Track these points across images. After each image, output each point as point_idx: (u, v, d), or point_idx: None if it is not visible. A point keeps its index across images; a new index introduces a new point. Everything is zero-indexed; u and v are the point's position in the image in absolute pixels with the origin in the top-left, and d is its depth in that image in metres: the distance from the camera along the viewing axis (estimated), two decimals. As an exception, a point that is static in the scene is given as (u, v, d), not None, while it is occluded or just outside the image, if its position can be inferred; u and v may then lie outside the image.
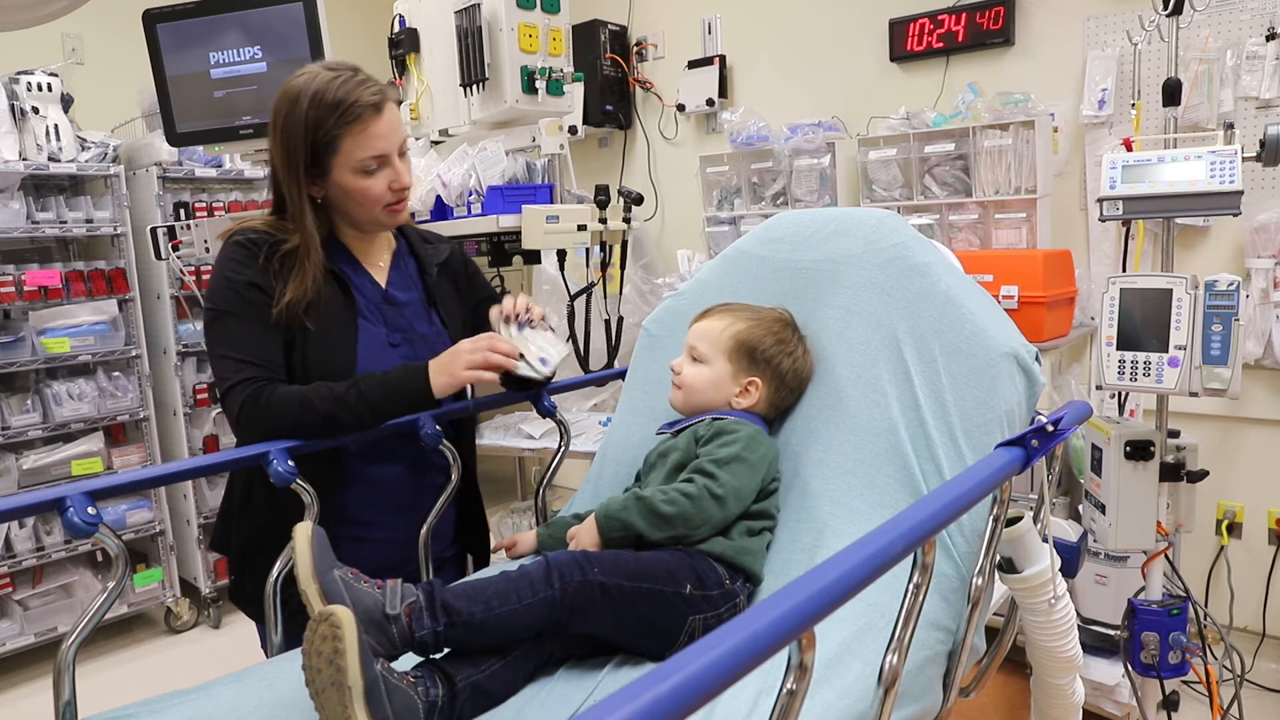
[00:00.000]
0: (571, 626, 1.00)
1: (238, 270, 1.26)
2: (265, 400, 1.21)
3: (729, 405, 1.26)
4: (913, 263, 1.28)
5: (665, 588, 1.03)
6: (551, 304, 3.08)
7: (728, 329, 1.27)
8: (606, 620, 1.01)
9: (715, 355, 1.27)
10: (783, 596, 0.61)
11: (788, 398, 1.28)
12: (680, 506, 1.09)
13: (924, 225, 2.54)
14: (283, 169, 1.26)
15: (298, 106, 1.23)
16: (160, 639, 3.01)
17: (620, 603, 1.00)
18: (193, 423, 3.07)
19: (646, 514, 1.09)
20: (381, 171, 1.29)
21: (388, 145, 1.28)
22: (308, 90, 1.23)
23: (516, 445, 2.44)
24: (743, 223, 2.97)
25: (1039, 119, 2.35)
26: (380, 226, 1.36)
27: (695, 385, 1.27)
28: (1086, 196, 2.53)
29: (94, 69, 3.19)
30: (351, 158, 1.26)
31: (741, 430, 1.18)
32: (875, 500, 1.14)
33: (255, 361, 1.23)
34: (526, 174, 2.30)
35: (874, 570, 0.69)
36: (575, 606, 0.98)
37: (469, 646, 0.96)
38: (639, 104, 3.57)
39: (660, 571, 1.04)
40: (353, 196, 1.29)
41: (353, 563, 1.33)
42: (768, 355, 1.25)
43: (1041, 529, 1.19)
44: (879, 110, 2.81)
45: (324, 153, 1.25)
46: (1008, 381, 1.14)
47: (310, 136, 1.23)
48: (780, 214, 1.50)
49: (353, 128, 1.24)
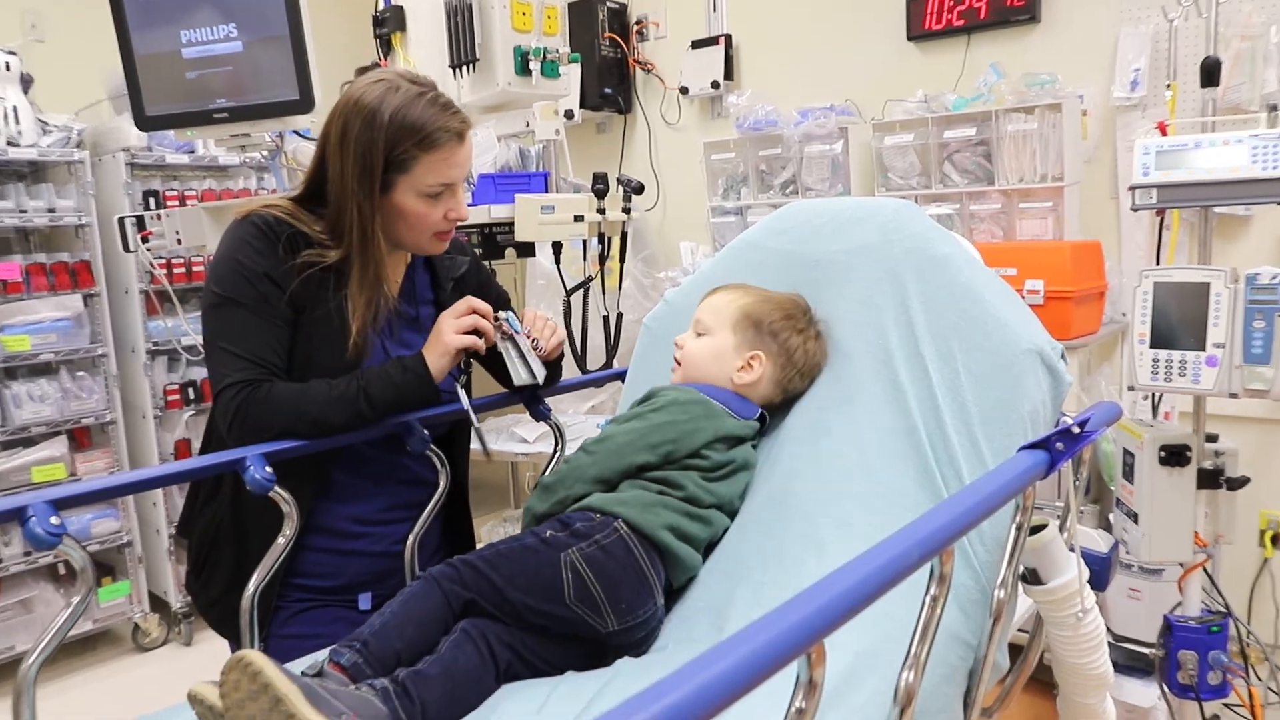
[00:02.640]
0: (469, 604, 1.08)
1: (252, 256, 1.26)
2: (261, 399, 1.22)
3: (730, 381, 1.28)
4: (931, 255, 1.29)
5: (525, 540, 1.12)
6: (547, 300, 3.09)
7: (735, 301, 1.31)
8: (485, 587, 1.08)
9: (720, 326, 1.30)
10: (791, 608, 0.61)
11: (795, 381, 1.29)
12: (558, 472, 1.20)
13: (943, 215, 2.55)
14: (354, 186, 1.26)
15: (377, 119, 1.23)
16: (127, 657, 3.02)
17: (482, 566, 1.09)
18: (163, 426, 3.08)
19: (539, 492, 1.21)
20: (444, 200, 1.31)
21: (459, 175, 1.31)
22: (389, 103, 1.24)
23: (509, 450, 2.45)
24: (750, 213, 2.98)
25: (1067, 101, 2.36)
26: (421, 251, 1.38)
27: (696, 358, 1.30)
28: (1118, 184, 2.53)
29: (56, 47, 3.19)
30: (421, 182, 1.27)
31: (669, 394, 1.24)
32: (895, 501, 1.14)
33: (257, 360, 1.24)
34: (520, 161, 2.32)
35: (888, 580, 0.69)
36: (447, 583, 1.08)
37: (390, 651, 1.01)
38: (639, 87, 3.58)
39: (524, 534, 1.14)
40: (407, 219, 1.30)
41: (332, 576, 1.35)
42: (774, 329, 1.27)
43: (1068, 538, 1.19)
44: (895, 93, 2.81)
45: (392, 170, 1.26)
46: (1031, 381, 1.14)
47: (386, 154, 1.24)
48: (790, 204, 1.51)
49: (432, 154, 1.26)
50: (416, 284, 1.44)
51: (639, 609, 1.10)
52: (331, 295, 1.29)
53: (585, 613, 1.07)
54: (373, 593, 1.38)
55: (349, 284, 1.29)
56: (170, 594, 3.07)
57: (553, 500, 1.19)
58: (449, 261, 1.47)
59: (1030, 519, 1.04)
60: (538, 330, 1.39)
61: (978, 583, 1.07)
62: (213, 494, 1.36)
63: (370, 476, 1.36)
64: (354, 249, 1.28)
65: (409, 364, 1.29)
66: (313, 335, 1.29)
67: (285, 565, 1.28)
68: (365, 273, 1.29)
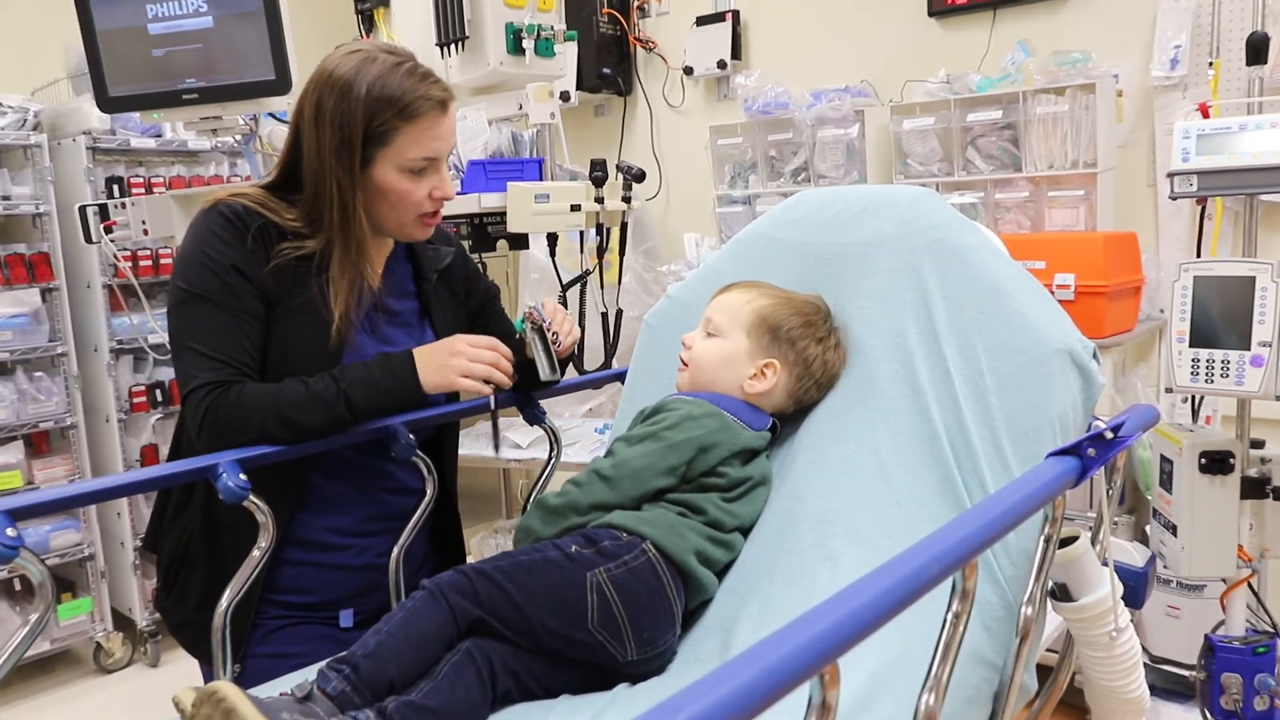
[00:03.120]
0: (476, 623, 1.05)
1: (219, 248, 1.27)
2: (233, 401, 1.22)
3: (741, 390, 1.28)
4: (953, 247, 1.29)
5: (547, 554, 1.10)
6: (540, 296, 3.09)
7: (751, 302, 1.30)
8: (500, 603, 1.06)
9: (733, 329, 1.29)
10: (802, 625, 0.61)
11: (811, 391, 1.30)
12: (568, 496, 1.18)
13: (966, 204, 2.55)
14: (332, 161, 1.26)
15: (353, 90, 1.24)
16: (89, 679, 3.02)
17: (500, 578, 1.07)
18: (128, 430, 3.08)
19: (540, 513, 1.18)
20: (428, 176, 1.31)
21: (443, 148, 1.32)
22: (365, 74, 1.25)
23: (501, 455, 2.45)
24: (759, 202, 2.98)
25: (1100, 81, 2.36)
26: (406, 236, 1.39)
27: (705, 361, 1.30)
28: (1155, 171, 2.53)
29: (10, 22, 3.20)
30: (403, 155, 1.28)
31: (681, 409, 1.23)
32: (914, 512, 1.15)
33: (227, 360, 1.24)
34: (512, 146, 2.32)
35: (907, 596, 0.69)
36: (455, 596, 1.05)
37: (384, 677, 1.00)
38: (640, 67, 3.58)
39: (545, 545, 1.13)
40: (389, 198, 1.31)
41: (311, 591, 1.35)
42: (792, 336, 1.27)
43: (1101, 551, 1.19)
44: (915, 73, 2.81)
45: (372, 144, 1.27)
46: (1061, 382, 1.14)
47: (365, 126, 1.25)
48: (802, 192, 1.51)
49: (413, 124, 1.27)
50: (398, 276, 1.44)
51: (660, 639, 1.10)
52: (312, 282, 1.30)
53: (607, 639, 1.07)
54: (354, 609, 1.38)
55: (330, 267, 1.30)
56: (135, 611, 3.07)
57: (561, 526, 1.18)
58: (433, 253, 1.47)
59: (1060, 531, 1.04)
60: (557, 324, 1.40)
61: (1003, 599, 1.07)
62: (183, 505, 1.36)
63: (352, 484, 1.36)
64: (335, 229, 1.29)
65: (395, 366, 1.28)
66: (290, 328, 1.29)
67: (261, 580, 1.28)
68: (347, 253, 1.30)
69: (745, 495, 1.22)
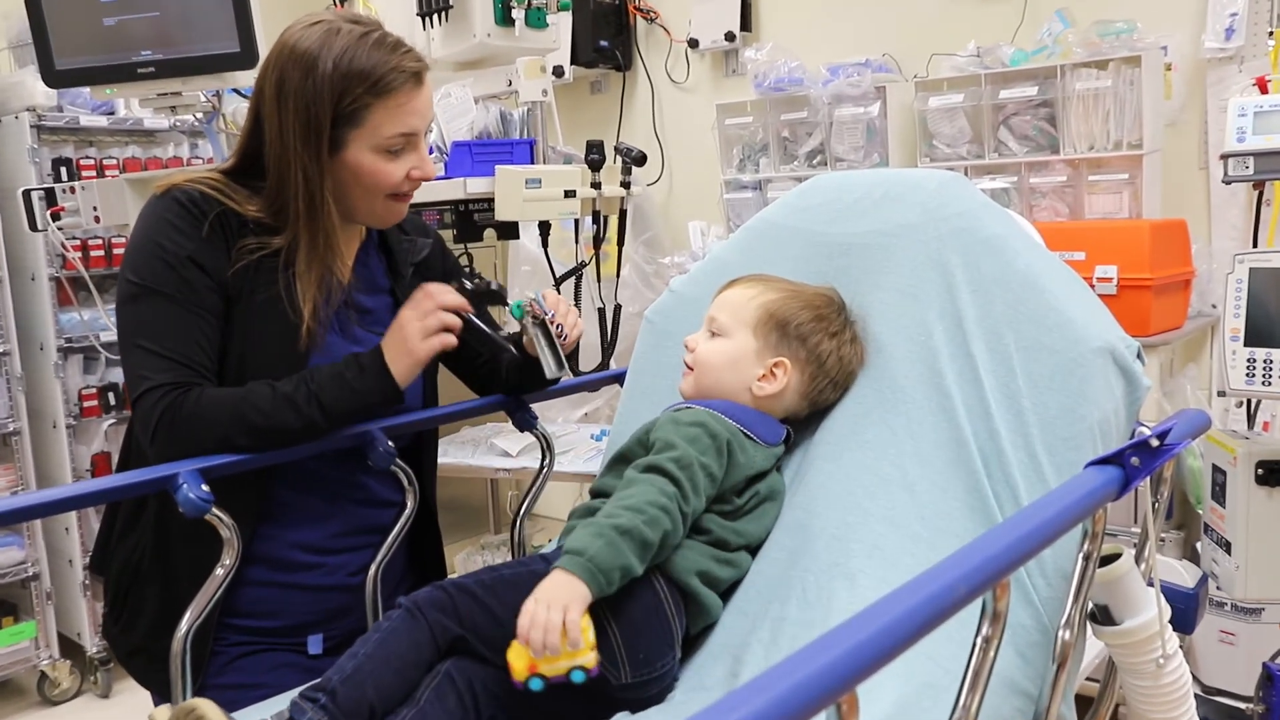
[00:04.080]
0: (458, 642, 1.07)
1: (174, 237, 1.27)
2: (191, 406, 1.22)
3: (750, 392, 1.28)
4: (983, 237, 1.29)
5: (533, 566, 1.11)
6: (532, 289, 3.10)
7: (757, 297, 1.30)
8: (482, 620, 1.08)
9: (738, 327, 1.29)
10: (817, 650, 0.62)
11: (826, 391, 1.30)
12: (660, 527, 1.08)
13: (997, 190, 2.55)
14: (298, 146, 1.27)
15: (319, 67, 1.25)
16: (33, 712, 3.02)
17: (482, 594, 1.09)
18: (78, 437, 3.09)
19: (638, 548, 1.07)
20: (405, 155, 1.32)
21: (420, 123, 1.32)
22: (331, 48, 1.25)
23: (488, 465, 2.45)
24: (770, 188, 2.98)
25: (1147, 54, 2.36)
26: (375, 221, 1.39)
27: (710, 363, 1.29)
28: (1208, 152, 2.54)
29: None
30: (379, 134, 1.28)
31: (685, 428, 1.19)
32: (939, 526, 1.15)
33: (183, 361, 1.24)
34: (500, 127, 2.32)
35: (932, 618, 0.70)
36: (434, 614, 1.07)
37: (363, 704, 1.01)
38: (641, 39, 3.58)
39: (530, 559, 1.14)
40: (362, 180, 1.31)
41: (277, 615, 1.35)
42: (802, 332, 1.27)
43: (1146, 570, 1.19)
44: (942, 45, 2.82)
45: (343, 125, 1.27)
46: (1101, 384, 1.15)
47: (334, 105, 1.26)
48: (817, 177, 1.52)
49: (387, 100, 1.27)
50: (370, 269, 1.44)
51: (657, 661, 1.10)
52: (277, 277, 1.30)
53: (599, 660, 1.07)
54: (324, 634, 1.38)
55: (296, 262, 1.30)
56: (85, 637, 3.07)
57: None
58: (408, 244, 1.48)
59: (1101, 548, 1.05)
60: (561, 315, 1.41)
61: (1038, 622, 1.07)
62: (134, 520, 1.36)
63: (322, 496, 1.37)
64: (300, 221, 1.29)
65: (366, 363, 1.29)
66: (251, 326, 1.29)
67: (220, 603, 1.28)
68: (314, 247, 1.30)
69: (752, 511, 1.23)
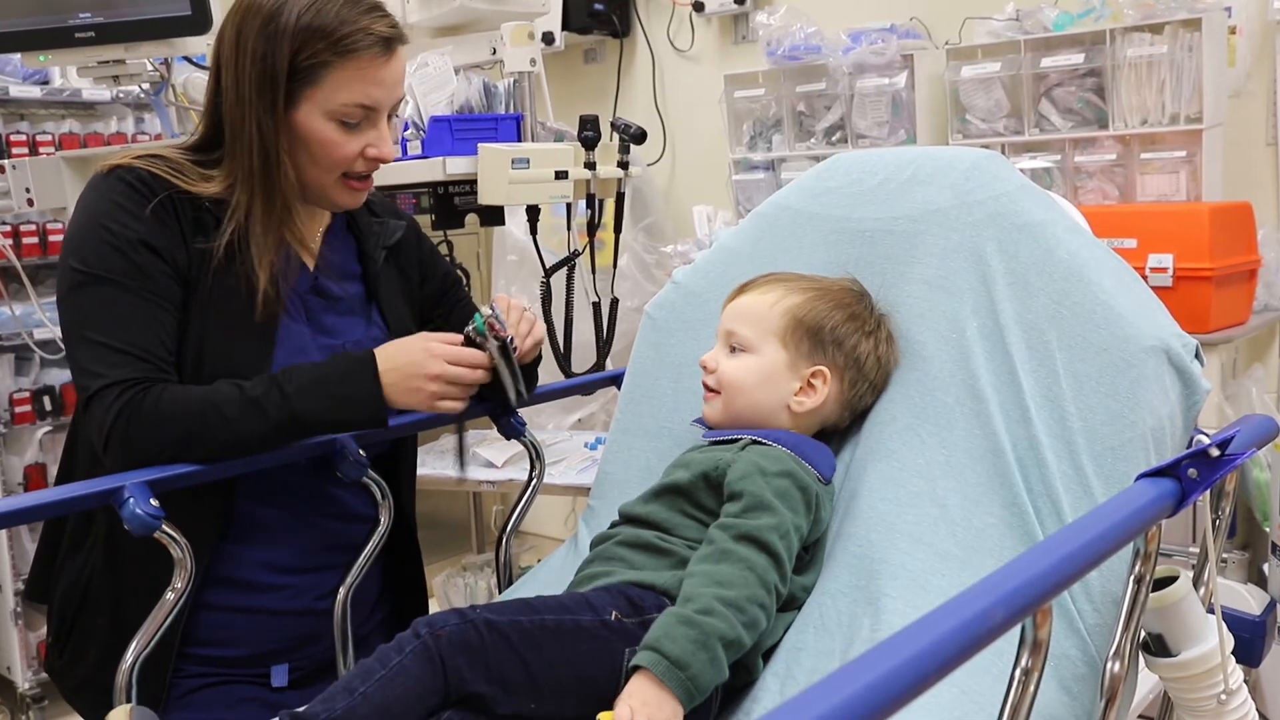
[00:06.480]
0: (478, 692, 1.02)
1: (123, 220, 1.27)
2: (151, 405, 1.22)
3: (788, 410, 1.27)
4: (1021, 222, 1.29)
5: (581, 617, 1.09)
6: (520, 281, 3.10)
7: (779, 302, 1.29)
8: (511, 670, 1.03)
9: (763, 339, 1.28)
10: (836, 683, 0.62)
11: (865, 396, 1.30)
12: (758, 630, 1.08)
13: (1038, 170, 2.55)
14: (252, 96, 1.28)
15: (280, 17, 1.26)
16: (-34, 753, 3.02)
17: (520, 643, 1.04)
18: (8, 446, 3.09)
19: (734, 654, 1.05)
20: (362, 130, 1.32)
21: (384, 97, 1.33)
22: (294, 2, 1.27)
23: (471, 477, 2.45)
24: (784, 168, 2.98)
25: (1208, 16, 2.36)
26: (328, 203, 1.39)
27: (739, 383, 1.28)
28: (1277, 127, 2.53)
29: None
30: (333, 99, 1.29)
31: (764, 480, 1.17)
32: (972, 545, 1.15)
33: (139, 354, 1.24)
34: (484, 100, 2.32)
35: (965, 647, 0.69)
36: (459, 659, 1.02)
37: None
38: (640, 2, 3.58)
39: (572, 601, 1.11)
40: (310, 150, 1.31)
41: (238, 643, 1.35)
42: (838, 335, 1.27)
43: (1206, 595, 1.19)
44: (976, 9, 2.82)
45: (298, 80, 1.28)
46: (1155, 387, 1.14)
47: (290, 59, 1.26)
48: (837, 156, 1.52)
49: (348, 61, 1.28)
50: (339, 253, 1.45)
51: None
52: (235, 258, 1.30)
53: None
54: (290, 664, 1.39)
55: (251, 225, 1.30)
56: (16, 671, 3.06)
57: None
58: (379, 226, 1.48)
59: (1155, 569, 1.04)
60: (513, 324, 1.38)
61: (1084, 653, 1.07)
62: (80, 539, 1.36)
63: (288, 510, 1.37)
64: (255, 179, 1.29)
65: (354, 371, 1.27)
66: (211, 309, 1.30)
67: (175, 629, 1.28)
68: (270, 207, 1.30)
69: (814, 560, 1.21)
